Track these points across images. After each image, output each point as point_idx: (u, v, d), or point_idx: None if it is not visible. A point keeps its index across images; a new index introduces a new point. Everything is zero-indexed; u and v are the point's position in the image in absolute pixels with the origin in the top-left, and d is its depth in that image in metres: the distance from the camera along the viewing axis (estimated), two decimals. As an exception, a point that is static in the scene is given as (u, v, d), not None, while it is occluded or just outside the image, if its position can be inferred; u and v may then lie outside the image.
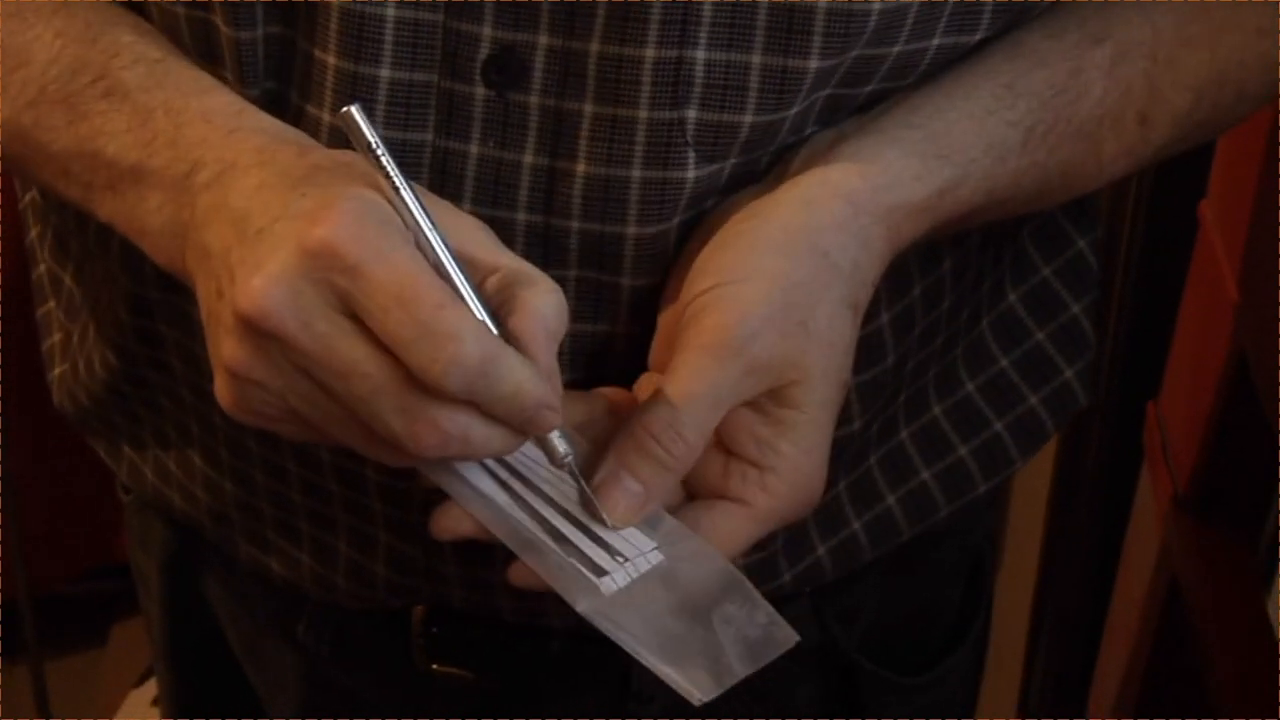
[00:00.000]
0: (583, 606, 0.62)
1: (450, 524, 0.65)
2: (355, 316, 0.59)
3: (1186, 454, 1.22)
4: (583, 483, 0.65)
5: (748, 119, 0.67)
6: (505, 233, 0.69)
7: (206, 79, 0.69)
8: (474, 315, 0.59)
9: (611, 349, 0.72)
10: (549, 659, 0.84)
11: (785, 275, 0.65)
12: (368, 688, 0.89)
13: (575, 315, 0.71)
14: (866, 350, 0.77)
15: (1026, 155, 0.71)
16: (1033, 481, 1.49)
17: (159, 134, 0.66)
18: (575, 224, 0.69)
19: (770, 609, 0.65)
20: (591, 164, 0.67)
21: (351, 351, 0.58)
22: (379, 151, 0.61)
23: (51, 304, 0.88)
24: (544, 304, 0.61)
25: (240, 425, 0.78)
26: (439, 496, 0.74)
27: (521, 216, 0.69)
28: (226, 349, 0.60)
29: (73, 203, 0.71)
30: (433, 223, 0.61)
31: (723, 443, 0.66)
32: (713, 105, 0.66)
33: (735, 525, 0.66)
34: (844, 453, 0.80)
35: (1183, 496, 1.22)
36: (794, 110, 0.68)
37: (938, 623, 0.94)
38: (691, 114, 0.66)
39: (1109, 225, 1.35)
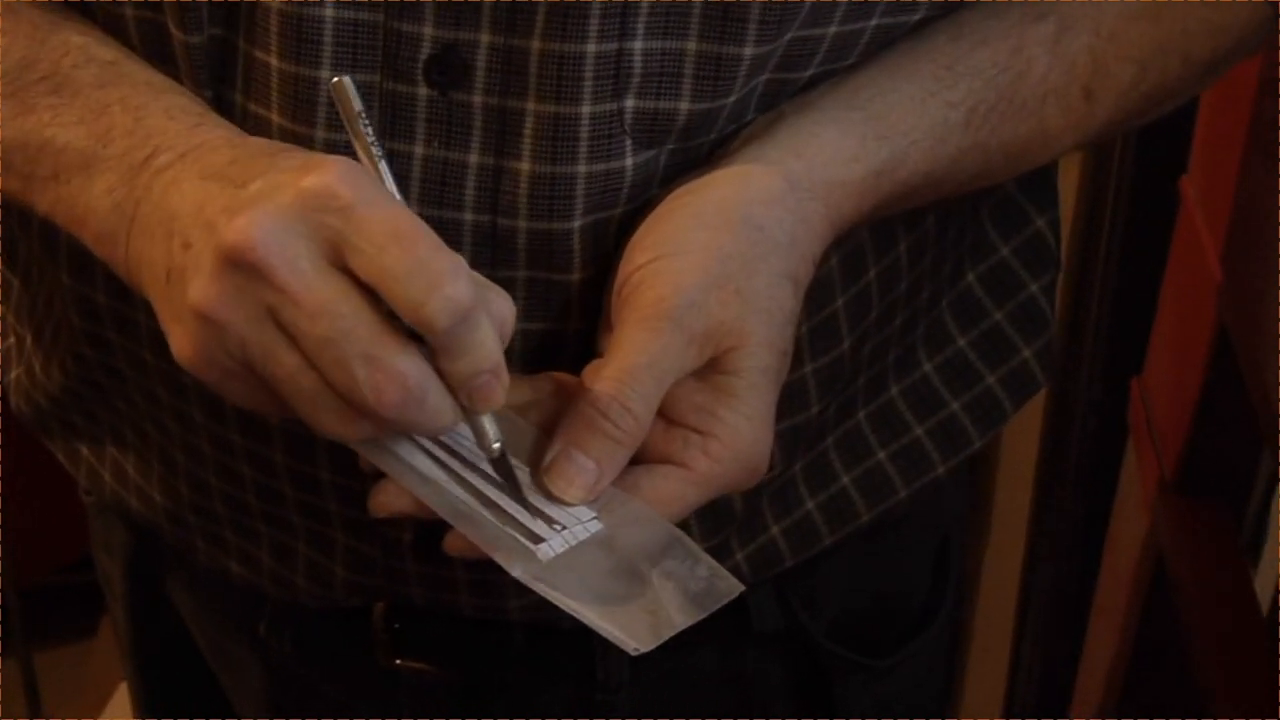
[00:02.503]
0: (518, 572, 0.62)
1: (387, 500, 0.65)
2: (339, 266, 0.59)
3: (1171, 431, 1.22)
4: (512, 465, 0.64)
5: (684, 106, 0.67)
6: (453, 234, 0.69)
7: (163, 80, 0.68)
8: (465, 262, 0.60)
9: (563, 347, 0.71)
10: (513, 652, 0.84)
11: (720, 248, 0.65)
12: (333, 685, 0.88)
13: (525, 314, 0.71)
14: (823, 335, 0.77)
15: (969, 135, 0.71)
16: (1018, 460, 1.48)
17: (115, 126, 0.65)
18: (523, 223, 0.68)
19: (712, 562, 0.65)
20: (537, 162, 0.67)
21: (328, 290, 0.58)
22: (364, 121, 0.62)
23: (3, 308, 0.87)
24: (500, 307, 0.61)
25: (193, 429, 0.78)
26: None
27: (469, 217, 0.69)
28: (195, 289, 0.59)
29: (10, 196, 0.70)
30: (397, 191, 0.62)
31: (665, 411, 0.66)
32: (649, 94, 0.66)
33: (676, 488, 0.65)
34: (800, 437, 0.80)
35: (1168, 474, 1.22)
36: (732, 98, 0.67)
37: (906, 605, 0.94)
38: (630, 104, 0.66)
39: (1090, 203, 1.35)
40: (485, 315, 0.60)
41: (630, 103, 0.66)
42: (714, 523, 0.79)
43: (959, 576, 0.99)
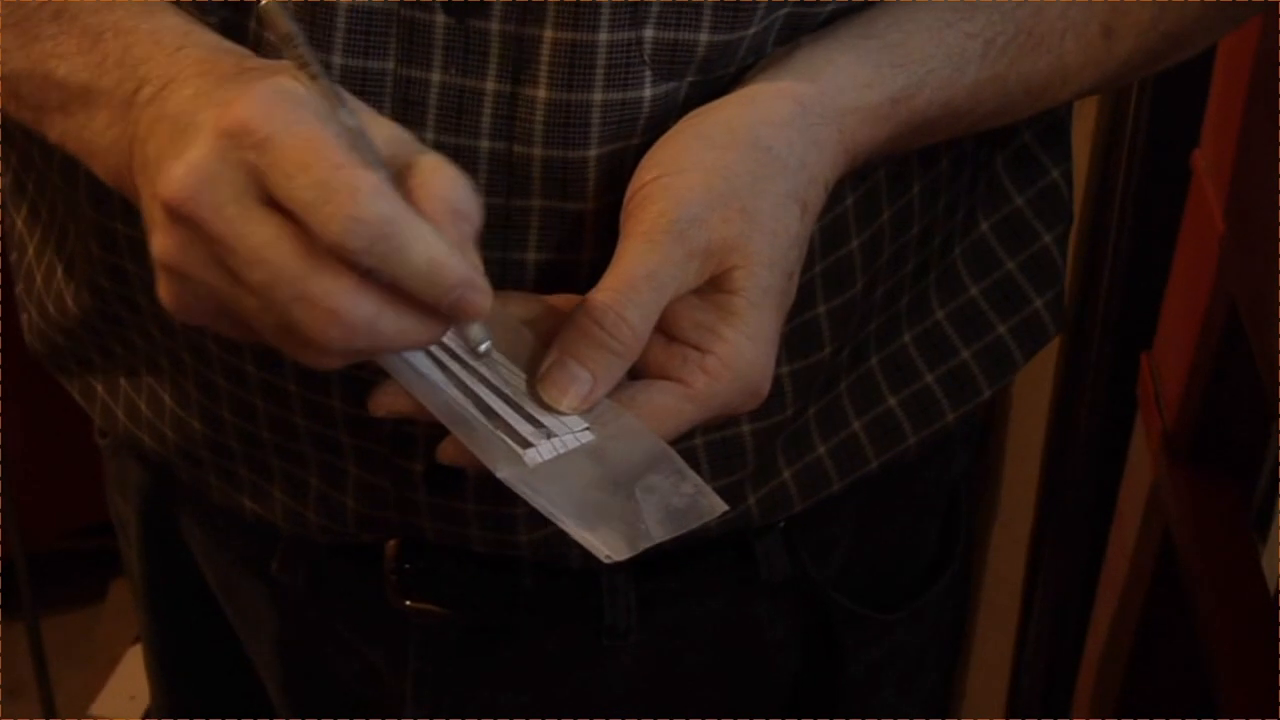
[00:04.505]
0: (503, 474, 0.62)
1: (388, 401, 0.65)
2: (269, 201, 0.58)
3: (1179, 406, 1.22)
4: (505, 367, 0.64)
5: (704, 37, 0.67)
6: (468, 161, 0.69)
7: (157, 1, 0.68)
8: (376, 175, 0.57)
9: (577, 277, 0.72)
10: (522, 593, 0.84)
11: (727, 167, 0.65)
12: (342, 624, 0.89)
13: (540, 244, 0.71)
14: (836, 276, 0.77)
15: (986, 67, 0.71)
16: (1027, 433, 1.48)
17: (108, 55, 0.66)
18: (538, 150, 0.68)
19: (699, 480, 0.65)
20: (553, 89, 0.67)
21: (259, 233, 0.57)
22: (297, 41, 0.60)
23: (29, 243, 0.88)
24: (440, 182, 0.59)
25: (208, 360, 0.78)
26: (406, 426, 0.74)
27: (484, 144, 0.69)
28: (155, 243, 0.60)
29: (25, 125, 0.70)
30: (345, 106, 0.60)
31: (665, 328, 0.65)
32: (669, 24, 0.66)
33: (671, 403, 0.65)
34: (814, 378, 0.80)
35: (1175, 448, 1.22)
36: (751, 30, 0.68)
37: (914, 559, 0.94)
38: (649, 33, 0.66)
39: (1102, 178, 1.35)
40: (418, 230, 0.57)
41: (649, 32, 0.66)
42: (726, 464, 0.80)
43: (969, 537, 0.99)
